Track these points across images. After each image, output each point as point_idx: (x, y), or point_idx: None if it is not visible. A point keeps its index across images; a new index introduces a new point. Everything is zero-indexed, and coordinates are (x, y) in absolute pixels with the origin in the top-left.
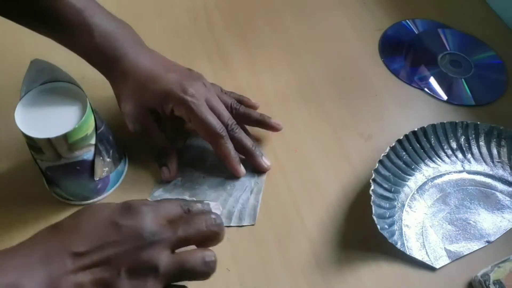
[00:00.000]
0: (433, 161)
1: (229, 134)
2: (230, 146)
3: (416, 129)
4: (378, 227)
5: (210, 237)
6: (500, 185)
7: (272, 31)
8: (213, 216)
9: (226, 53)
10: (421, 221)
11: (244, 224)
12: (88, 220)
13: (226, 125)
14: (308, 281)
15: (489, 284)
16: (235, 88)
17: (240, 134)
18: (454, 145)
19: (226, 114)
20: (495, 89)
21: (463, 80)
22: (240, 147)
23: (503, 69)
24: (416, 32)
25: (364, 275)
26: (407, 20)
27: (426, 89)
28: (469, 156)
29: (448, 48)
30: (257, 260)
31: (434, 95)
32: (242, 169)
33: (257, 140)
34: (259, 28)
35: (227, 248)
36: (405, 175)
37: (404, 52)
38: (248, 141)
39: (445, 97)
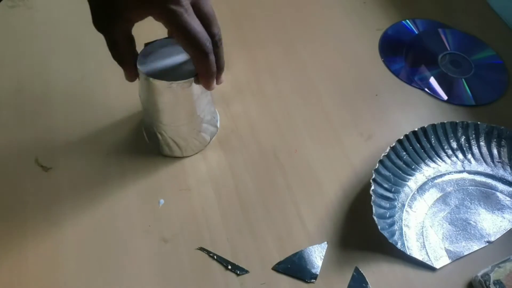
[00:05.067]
0: (434, 161)
1: (213, 46)
2: (213, 62)
3: (416, 129)
4: (379, 227)
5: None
6: (500, 185)
7: (272, 31)
8: None
9: (226, 53)
10: (421, 221)
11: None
12: None
13: (213, 35)
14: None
15: (489, 284)
16: (235, 88)
17: (222, 47)
18: (454, 145)
19: (216, 22)
20: (496, 89)
21: (463, 80)
22: (216, 60)
23: (503, 69)
24: (416, 32)
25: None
26: (407, 20)
27: (426, 89)
28: (469, 156)
29: (448, 48)
30: (257, 260)
31: (434, 95)
32: (214, 84)
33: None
34: (259, 28)
35: (227, 248)
36: (405, 175)
37: (404, 52)
38: (223, 56)
39: (445, 97)
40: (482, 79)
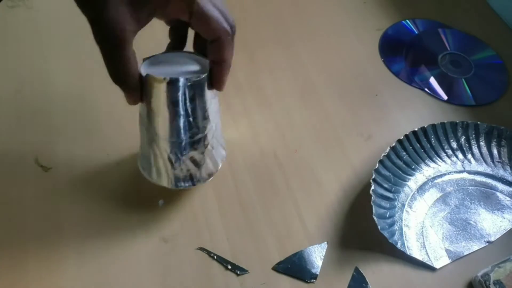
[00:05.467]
0: (434, 161)
1: None
2: (233, 48)
3: (416, 129)
4: (379, 227)
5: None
6: (500, 185)
7: (272, 31)
8: None
9: None
10: (421, 221)
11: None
12: None
13: (230, 26)
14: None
15: (489, 284)
16: (235, 88)
17: (233, 40)
18: (454, 145)
19: (229, 15)
20: (496, 89)
21: (463, 80)
22: None
23: (503, 69)
24: (416, 32)
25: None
26: (407, 20)
27: (426, 89)
28: (469, 156)
29: (448, 48)
30: (257, 260)
31: (434, 95)
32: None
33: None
34: (258, 28)
35: (227, 248)
36: (405, 175)
37: (404, 52)
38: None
39: (445, 97)
40: (482, 79)
